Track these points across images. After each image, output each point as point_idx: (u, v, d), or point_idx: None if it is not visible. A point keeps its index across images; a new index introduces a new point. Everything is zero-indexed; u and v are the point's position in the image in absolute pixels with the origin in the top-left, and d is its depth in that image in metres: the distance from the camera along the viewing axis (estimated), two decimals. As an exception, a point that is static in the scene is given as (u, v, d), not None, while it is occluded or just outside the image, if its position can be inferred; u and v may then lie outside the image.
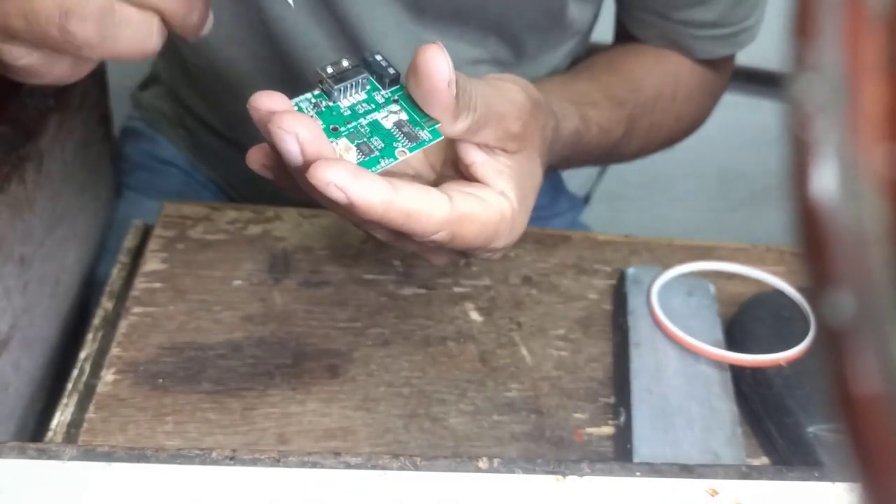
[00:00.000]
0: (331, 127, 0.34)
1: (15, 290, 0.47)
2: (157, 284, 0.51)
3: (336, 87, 0.35)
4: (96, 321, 0.51)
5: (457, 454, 0.44)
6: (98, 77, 0.58)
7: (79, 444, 0.42)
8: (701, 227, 1.27)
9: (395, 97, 0.36)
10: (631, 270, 0.53)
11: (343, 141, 0.34)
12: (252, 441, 0.44)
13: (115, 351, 0.47)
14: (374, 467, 0.38)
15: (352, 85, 0.35)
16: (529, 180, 0.38)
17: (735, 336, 0.50)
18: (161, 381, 0.46)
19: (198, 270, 0.52)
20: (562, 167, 0.57)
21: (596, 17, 0.60)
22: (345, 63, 0.35)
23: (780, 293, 0.52)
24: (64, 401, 0.46)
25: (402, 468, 0.38)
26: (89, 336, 0.50)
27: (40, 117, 0.50)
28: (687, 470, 0.39)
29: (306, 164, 0.31)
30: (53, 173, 0.52)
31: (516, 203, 0.37)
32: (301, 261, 0.54)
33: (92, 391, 0.46)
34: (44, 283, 0.51)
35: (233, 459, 0.38)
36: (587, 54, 0.64)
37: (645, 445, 0.44)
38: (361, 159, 0.33)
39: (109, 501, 0.36)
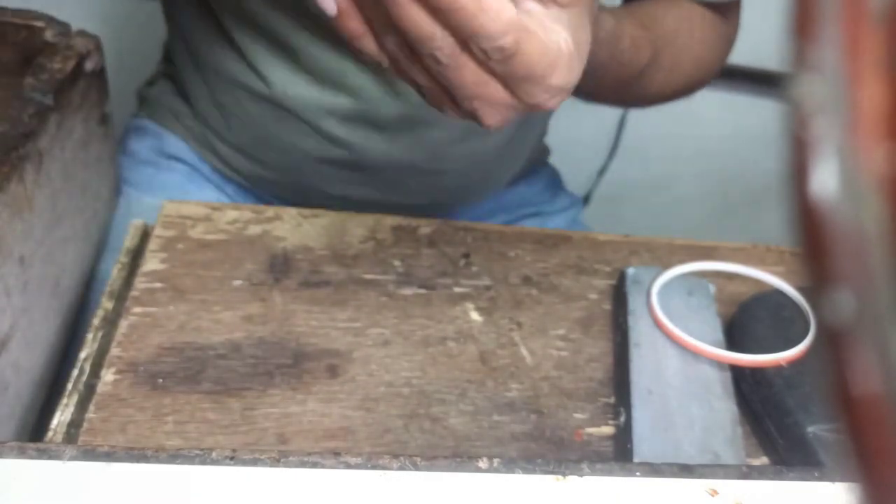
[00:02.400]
0: None
1: (15, 290, 0.47)
2: (157, 284, 0.51)
3: None
4: (96, 321, 0.51)
5: (457, 454, 0.44)
6: (98, 77, 0.58)
7: (79, 444, 0.42)
8: (701, 227, 1.27)
9: None
10: (631, 270, 0.53)
11: None
12: (252, 441, 0.44)
13: (115, 351, 0.47)
14: (374, 467, 0.38)
15: None
16: (583, 33, 0.39)
17: (735, 336, 0.50)
18: (161, 381, 0.46)
19: (198, 270, 0.52)
20: (597, 76, 0.58)
21: None
22: None
23: (780, 293, 0.52)
24: (64, 401, 0.46)
25: (402, 468, 0.38)
26: (89, 336, 0.50)
27: (40, 117, 0.50)
28: (687, 470, 0.39)
29: None
30: (53, 173, 0.52)
31: (572, 46, 0.37)
32: (301, 261, 0.54)
33: (92, 391, 0.46)
34: (44, 283, 0.51)
35: (233, 459, 0.38)
36: None
37: (645, 445, 0.44)
38: None
39: (109, 501, 0.36)
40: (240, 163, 0.68)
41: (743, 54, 0.64)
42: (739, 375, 0.48)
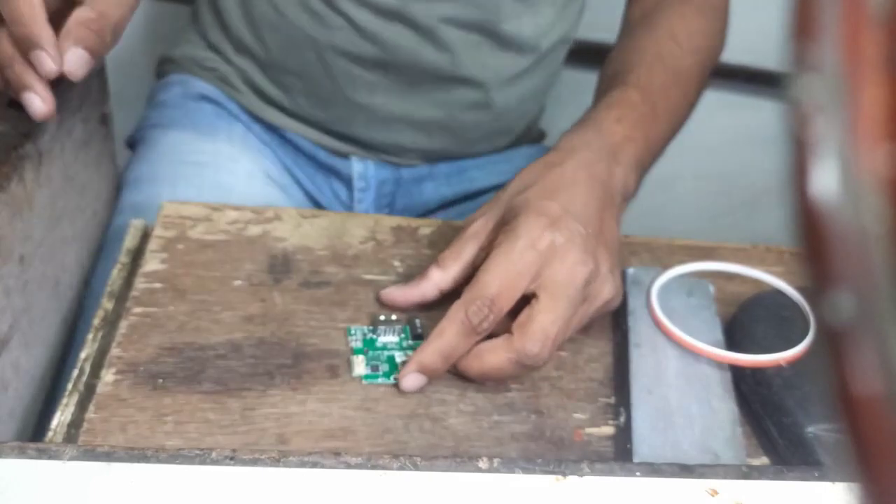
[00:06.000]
0: (364, 349, 0.49)
1: (15, 290, 0.47)
2: (157, 284, 0.51)
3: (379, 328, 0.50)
4: (96, 321, 0.51)
5: (457, 454, 0.44)
6: (98, 77, 0.58)
7: (79, 444, 0.42)
8: (701, 227, 1.27)
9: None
10: (631, 270, 0.53)
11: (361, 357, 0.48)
12: (252, 441, 0.44)
13: (115, 351, 0.47)
14: (374, 467, 0.38)
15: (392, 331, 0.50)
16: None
17: (735, 336, 0.50)
18: (161, 381, 0.46)
19: (198, 271, 0.52)
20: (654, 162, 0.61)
21: None
22: (393, 316, 0.51)
23: (780, 293, 0.52)
24: (64, 401, 0.46)
25: (402, 468, 0.38)
26: (89, 336, 0.50)
27: (40, 117, 0.49)
28: (687, 470, 0.40)
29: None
30: (53, 173, 0.52)
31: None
32: (301, 261, 0.54)
33: (92, 391, 0.46)
34: (44, 283, 0.51)
35: (233, 459, 0.38)
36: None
37: (645, 445, 0.44)
38: (368, 372, 0.48)
39: (109, 501, 0.36)
40: (269, 88, 0.71)
41: (743, 54, 0.64)
42: (739, 375, 0.48)
